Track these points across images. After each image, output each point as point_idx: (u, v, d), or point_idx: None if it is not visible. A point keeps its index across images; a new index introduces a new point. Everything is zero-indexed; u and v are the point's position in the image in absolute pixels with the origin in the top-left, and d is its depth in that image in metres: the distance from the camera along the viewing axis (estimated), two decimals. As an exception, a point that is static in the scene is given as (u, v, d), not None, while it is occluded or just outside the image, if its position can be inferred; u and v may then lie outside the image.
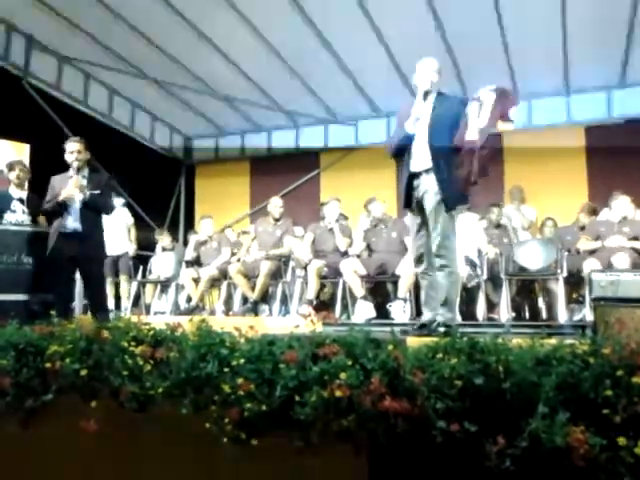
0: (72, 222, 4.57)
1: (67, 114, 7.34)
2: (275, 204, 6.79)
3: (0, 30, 6.50)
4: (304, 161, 9.06)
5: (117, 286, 7.70)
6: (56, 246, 4.51)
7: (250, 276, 6.47)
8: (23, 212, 5.18)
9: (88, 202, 4.59)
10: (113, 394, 2.60)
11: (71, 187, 4.56)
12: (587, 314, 5.33)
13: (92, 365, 2.66)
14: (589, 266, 5.28)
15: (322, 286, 6.33)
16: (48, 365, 2.69)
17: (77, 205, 4.59)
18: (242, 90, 7.88)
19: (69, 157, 4.67)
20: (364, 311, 5.71)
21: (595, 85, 7.44)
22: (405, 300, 5.68)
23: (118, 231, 7.73)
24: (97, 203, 4.65)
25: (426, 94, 3.95)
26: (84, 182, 4.63)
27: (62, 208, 4.57)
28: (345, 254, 6.27)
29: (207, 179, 9.75)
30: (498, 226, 6.63)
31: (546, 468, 2.00)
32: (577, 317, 5.75)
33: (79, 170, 4.63)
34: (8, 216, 5.14)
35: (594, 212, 6.44)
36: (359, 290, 5.82)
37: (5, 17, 6.43)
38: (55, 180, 4.75)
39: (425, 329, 3.79)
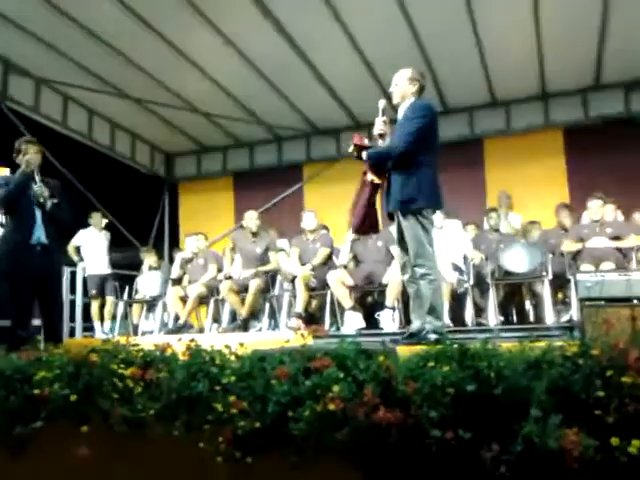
0: (37, 233, 4.20)
1: (47, 136, 7.28)
2: (250, 217, 6.75)
3: (-23, 55, 6.47)
4: (287, 174, 9.08)
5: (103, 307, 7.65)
6: (20, 260, 4.11)
7: (239, 292, 6.45)
8: (1, 235, 5.12)
9: (51, 212, 4.25)
10: (104, 418, 2.57)
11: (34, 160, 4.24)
12: (574, 315, 5.38)
13: (81, 389, 2.63)
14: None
15: (310, 298, 6.32)
16: (37, 391, 2.65)
17: (39, 215, 4.23)
18: (222, 106, 7.90)
19: (34, 158, 4.28)
20: (353, 322, 5.70)
21: (571, 87, 7.56)
22: (393, 309, 5.68)
23: (103, 251, 7.71)
24: (60, 213, 4.31)
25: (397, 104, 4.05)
26: (45, 192, 4.23)
27: (26, 218, 4.18)
28: (330, 264, 6.29)
29: (190, 196, 9.73)
30: (496, 230, 6.62)
31: (541, 472, 2.00)
32: (564, 318, 5.79)
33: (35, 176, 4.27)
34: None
35: (569, 209, 6.51)
36: (347, 301, 5.81)
37: (-19, 42, 6.40)
38: (6, 181, 4.33)
39: (415, 337, 3.79)
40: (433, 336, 3.61)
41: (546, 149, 7.82)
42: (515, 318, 6.45)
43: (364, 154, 3.85)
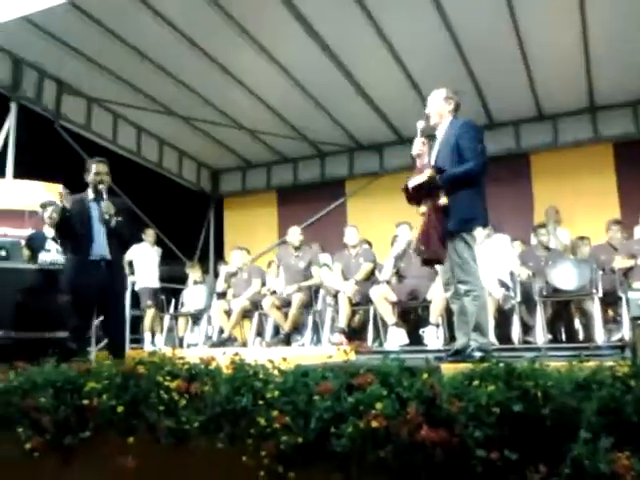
0: (98, 249, 4.30)
1: (97, 153, 7.50)
2: (293, 233, 6.83)
3: (32, 76, 6.75)
4: (330, 189, 9.13)
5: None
6: (82, 275, 4.23)
7: (282, 306, 6.49)
8: (57, 251, 5.28)
9: (115, 229, 4.33)
10: (150, 429, 2.61)
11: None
12: (625, 334, 5.21)
13: (128, 401, 2.68)
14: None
15: (353, 313, 6.30)
16: (86, 402, 2.71)
17: (102, 232, 4.32)
18: (267, 123, 8.01)
19: (95, 178, 4.40)
20: (396, 338, 5.66)
21: (621, 100, 7.38)
22: (437, 325, 5.62)
23: (154, 265, 7.89)
24: (122, 230, 4.38)
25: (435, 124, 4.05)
26: (112, 209, 4.34)
27: (85, 235, 4.29)
28: (373, 279, 6.27)
29: (235, 211, 9.88)
30: (547, 248, 6.37)
31: (591, 496, 1.94)
32: (615, 337, 5.61)
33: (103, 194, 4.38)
34: (43, 255, 5.24)
35: (621, 225, 6.33)
36: (390, 317, 5.78)
37: (37, 63, 6.67)
38: (72, 202, 4.45)
39: (459, 355, 3.74)
40: (478, 354, 3.55)
41: (596, 163, 7.64)
42: (564, 337, 6.28)
43: (439, 178, 3.77)
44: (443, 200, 3.72)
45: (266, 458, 2.31)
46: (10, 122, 6.55)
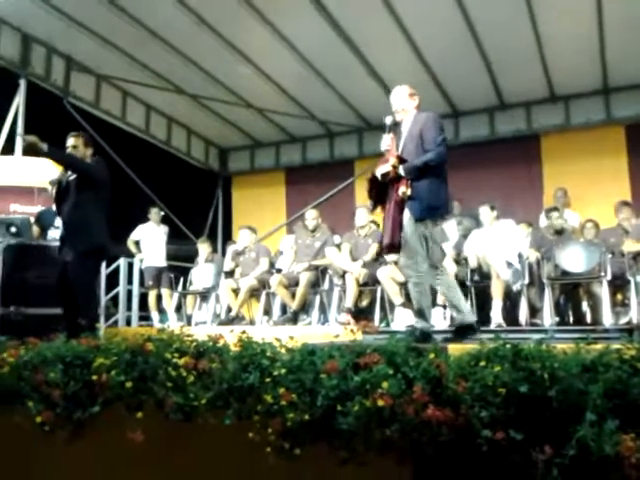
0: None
1: (106, 131, 7.52)
2: (308, 216, 6.82)
3: (41, 52, 6.72)
4: (339, 169, 9.09)
5: (160, 298, 7.86)
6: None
7: (290, 285, 6.51)
8: (66, 228, 5.29)
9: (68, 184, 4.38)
10: (158, 405, 2.64)
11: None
12: (633, 317, 5.19)
13: (137, 377, 2.71)
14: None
15: (360, 294, 6.31)
16: (95, 377, 2.74)
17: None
18: (276, 102, 7.96)
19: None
20: (403, 318, 5.67)
21: (635, 81, 7.28)
22: (444, 306, 5.62)
23: (161, 244, 7.92)
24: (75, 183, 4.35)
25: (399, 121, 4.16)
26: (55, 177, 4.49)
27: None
28: (381, 260, 6.26)
29: (243, 190, 9.87)
30: (559, 232, 6.18)
31: (595, 478, 1.95)
32: (623, 320, 5.59)
33: None
34: (52, 232, 5.27)
35: (630, 207, 6.26)
36: (397, 297, 5.78)
37: (46, 40, 6.64)
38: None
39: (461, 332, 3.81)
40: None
41: (607, 145, 7.56)
42: (571, 319, 6.27)
43: (401, 169, 3.83)
44: (402, 189, 3.78)
45: (273, 435, 2.34)
46: (19, 99, 6.54)
